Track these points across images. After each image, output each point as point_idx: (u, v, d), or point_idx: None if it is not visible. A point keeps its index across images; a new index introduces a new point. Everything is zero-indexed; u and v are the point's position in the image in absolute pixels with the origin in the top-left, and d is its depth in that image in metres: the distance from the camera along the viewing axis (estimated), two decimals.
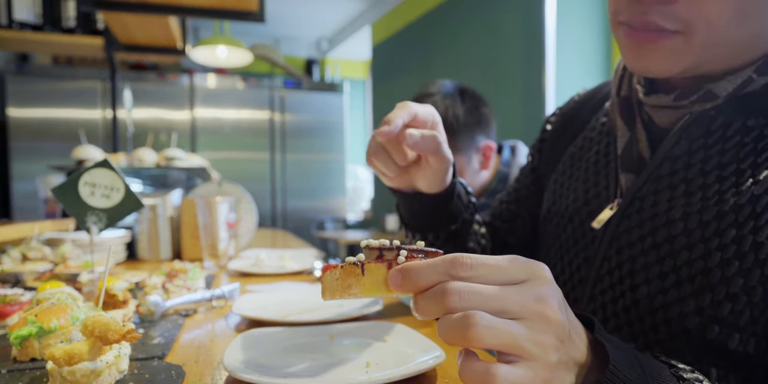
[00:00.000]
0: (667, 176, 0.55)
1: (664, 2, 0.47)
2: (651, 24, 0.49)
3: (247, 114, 4.57)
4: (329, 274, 0.40)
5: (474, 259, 0.34)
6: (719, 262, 0.49)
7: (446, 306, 0.32)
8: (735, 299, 0.47)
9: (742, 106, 0.52)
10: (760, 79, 0.50)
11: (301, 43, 5.56)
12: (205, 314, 0.85)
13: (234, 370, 0.52)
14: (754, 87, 0.51)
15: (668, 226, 0.53)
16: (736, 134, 0.52)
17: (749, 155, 0.50)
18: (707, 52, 0.49)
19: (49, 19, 2.45)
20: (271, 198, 4.68)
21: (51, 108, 3.81)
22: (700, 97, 0.53)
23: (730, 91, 0.51)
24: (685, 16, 0.47)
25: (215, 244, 1.33)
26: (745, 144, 0.51)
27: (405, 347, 0.62)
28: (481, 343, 0.31)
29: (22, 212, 3.66)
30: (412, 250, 0.38)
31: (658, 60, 0.51)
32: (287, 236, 2.59)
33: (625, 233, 0.58)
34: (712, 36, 0.47)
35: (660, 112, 0.57)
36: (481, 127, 1.34)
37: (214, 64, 3.46)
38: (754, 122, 0.51)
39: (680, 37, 0.48)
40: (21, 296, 0.79)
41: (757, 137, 0.51)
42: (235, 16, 1.75)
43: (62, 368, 0.47)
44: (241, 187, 1.77)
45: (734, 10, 0.45)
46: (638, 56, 0.52)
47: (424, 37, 4.00)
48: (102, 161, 0.83)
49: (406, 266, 0.35)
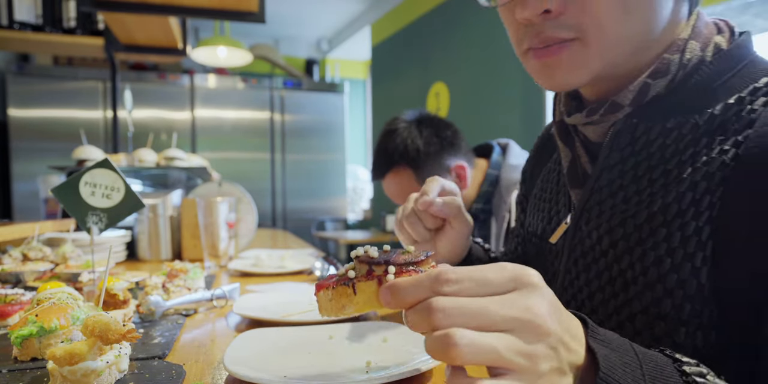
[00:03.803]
0: (607, 186, 0.58)
1: (553, 16, 0.52)
2: (549, 39, 0.53)
3: (247, 114, 4.57)
4: (323, 295, 0.40)
5: (458, 274, 0.33)
6: (653, 260, 0.51)
7: (431, 323, 0.32)
8: (672, 294, 0.50)
9: (656, 111, 0.56)
10: (657, 83, 0.54)
11: (301, 43, 5.57)
12: (206, 314, 0.86)
13: (234, 370, 0.52)
14: (657, 91, 0.55)
15: (610, 233, 0.56)
16: (658, 137, 0.55)
17: (674, 155, 0.53)
18: (607, 53, 0.53)
19: (50, 19, 2.45)
20: (271, 198, 4.69)
21: (52, 108, 3.81)
22: (606, 109, 0.57)
23: (631, 98, 0.55)
24: (576, 22, 0.51)
25: (215, 244, 1.33)
26: (667, 145, 0.54)
27: (405, 347, 0.62)
28: (464, 362, 0.31)
29: (23, 212, 3.66)
30: (401, 264, 0.38)
31: (566, 71, 0.54)
32: (287, 236, 2.59)
33: (579, 245, 0.61)
34: (606, 35, 0.51)
35: (588, 129, 0.61)
36: (446, 151, 1.36)
37: (215, 64, 3.46)
38: (672, 123, 0.54)
39: (578, 43, 0.53)
40: (22, 296, 0.79)
41: (677, 137, 0.54)
42: (235, 16, 1.75)
43: (63, 368, 0.47)
44: (241, 187, 1.78)
45: (619, 7, 0.50)
46: (548, 75, 0.56)
47: (424, 37, 4.01)
48: (102, 161, 0.83)
49: (394, 285, 0.35)
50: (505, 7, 0.57)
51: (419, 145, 1.34)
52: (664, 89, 0.55)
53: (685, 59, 0.54)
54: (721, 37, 0.56)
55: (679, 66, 0.54)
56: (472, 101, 3.47)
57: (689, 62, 0.54)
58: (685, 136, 0.53)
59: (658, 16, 0.52)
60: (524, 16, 0.52)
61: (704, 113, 0.53)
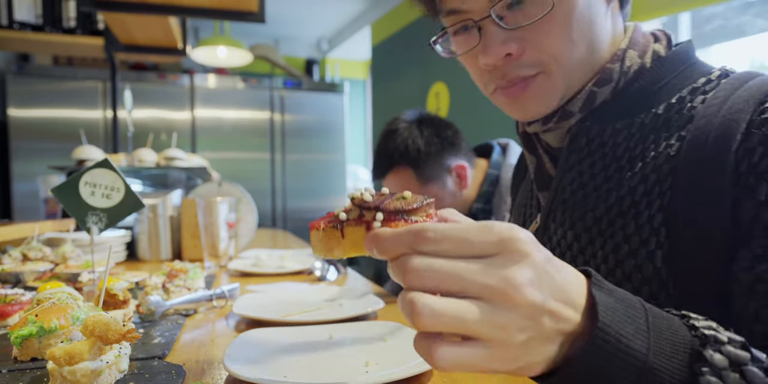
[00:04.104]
0: (569, 186, 0.63)
1: (514, 59, 0.58)
2: (515, 78, 0.60)
3: (247, 114, 4.56)
4: (314, 235, 0.40)
5: (439, 232, 0.32)
6: (612, 248, 0.56)
7: (404, 283, 0.32)
8: (630, 278, 0.54)
9: (606, 114, 0.62)
10: (602, 90, 0.60)
11: (301, 43, 5.56)
12: (205, 314, 0.86)
13: (234, 370, 0.52)
14: (604, 97, 0.61)
15: (573, 227, 0.61)
16: (610, 138, 0.61)
17: (625, 152, 0.59)
18: (568, 79, 0.60)
19: (50, 19, 2.45)
20: (271, 198, 4.68)
21: (51, 108, 3.81)
22: (559, 117, 0.63)
23: (580, 106, 0.61)
24: (535, 59, 0.58)
25: (215, 244, 1.33)
26: (619, 144, 0.60)
27: (405, 347, 0.62)
28: (426, 329, 0.31)
29: (23, 212, 3.66)
30: (391, 212, 0.37)
31: (537, 102, 0.61)
32: (287, 236, 2.59)
33: (548, 242, 0.65)
34: (563, 65, 0.58)
35: (548, 136, 0.66)
36: (447, 151, 1.37)
37: (214, 64, 3.46)
38: (621, 124, 0.60)
39: (542, 76, 0.59)
40: (21, 296, 0.79)
41: (627, 136, 0.59)
42: (235, 16, 1.75)
43: (63, 368, 0.47)
44: (241, 187, 1.77)
45: (567, 40, 0.57)
46: (520, 108, 0.62)
47: (424, 37, 4.00)
48: (102, 161, 0.83)
49: (375, 235, 0.34)
50: (467, 55, 0.63)
51: (420, 145, 1.35)
52: (610, 95, 0.61)
53: (625, 67, 0.60)
54: (659, 45, 0.62)
55: (620, 73, 0.60)
56: (472, 101, 3.47)
57: (629, 69, 0.60)
58: (634, 134, 0.59)
59: (600, 37, 0.60)
60: (488, 62, 0.58)
61: (649, 113, 0.59)
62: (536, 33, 0.57)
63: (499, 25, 0.57)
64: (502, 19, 0.57)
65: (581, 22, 0.57)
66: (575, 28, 0.57)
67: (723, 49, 2.13)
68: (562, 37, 0.57)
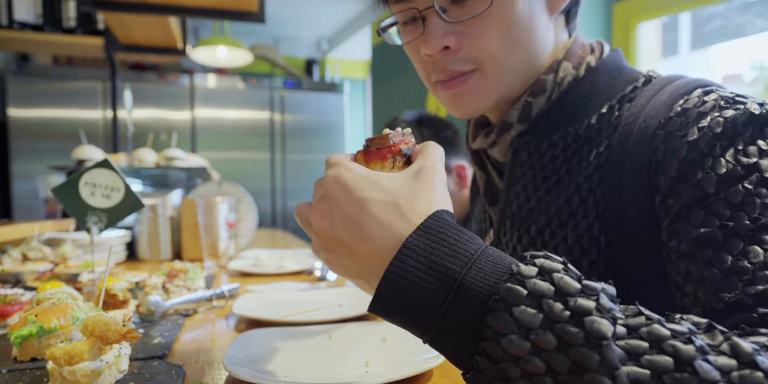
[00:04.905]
0: (515, 200, 0.65)
1: (452, 52, 0.59)
2: (452, 72, 0.61)
3: (247, 114, 4.56)
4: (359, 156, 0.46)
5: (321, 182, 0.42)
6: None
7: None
8: None
9: (543, 127, 0.63)
10: (537, 101, 0.62)
11: (301, 43, 5.56)
12: (205, 314, 0.86)
13: (234, 370, 0.52)
14: (540, 108, 0.62)
15: (521, 240, 0.63)
16: (548, 150, 0.62)
17: (563, 163, 0.60)
18: (503, 80, 0.61)
19: (50, 19, 2.45)
20: (271, 198, 4.68)
21: (51, 108, 3.81)
22: (500, 129, 0.65)
23: (517, 116, 0.63)
24: (472, 56, 0.59)
25: (215, 244, 1.33)
26: (556, 156, 0.61)
27: (405, 347, 0.62)
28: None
29: (23, 212, 3.66)
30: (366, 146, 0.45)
31: (472, 98, 0.62)
32: (287, 236, 2.59)
33: None
34: (498, 66, 0.60)
35: (494, 151, 0.68)
36: (446, 151, 1.37)
37: (214, 64, 3.46)
38: (557, 136, 0.62)
39: (478, 74, 0.61)
40: (21, 296, 0.79)
41: (564, 147, 0.61)
42: (235, 16, 1.75)
43: (62, 368, 0.47)
44: (241, 187, 1.77)
45: (505, 42, 0.58)
46: (457, 103, 0.63)
47: None
48: (102, 161, 0.83)
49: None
50: (411, 45, 0.65)
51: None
52: (545, 106, 0.62)
53: (559, 78, 0.62)
54: (592, 56, 0.64)
55: (553, 84, 0.62)
56: None
57: (563, 80, 0.62)
58: (570, 145, 0.61)
59: (541, 45, 0.61)
60: (427, 52, 0.60)
61: (583, 123, 0.60)
62: (475, 29, 0.58)
63: (441, 17, 0.58)
64: (446, 12, 0.59)
65: (521, 27, 0.58)
66: (513, 31, 0.58)
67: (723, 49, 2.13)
68: (500, 37, 0.58)
